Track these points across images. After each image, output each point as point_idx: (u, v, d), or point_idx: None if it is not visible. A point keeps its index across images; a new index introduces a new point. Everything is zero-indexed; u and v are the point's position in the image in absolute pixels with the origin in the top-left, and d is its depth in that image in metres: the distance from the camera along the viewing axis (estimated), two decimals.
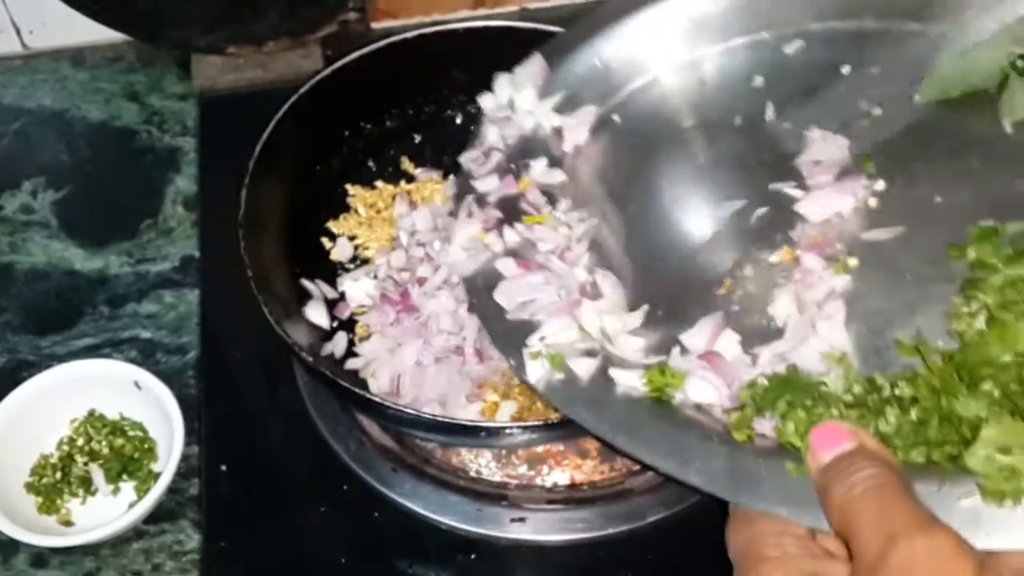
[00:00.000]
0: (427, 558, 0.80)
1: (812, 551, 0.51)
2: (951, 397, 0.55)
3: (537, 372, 0.63)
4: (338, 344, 0.82)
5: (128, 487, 0.83)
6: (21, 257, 0.97)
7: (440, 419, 0.72)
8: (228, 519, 0.81)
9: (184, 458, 0.81)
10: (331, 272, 0.86)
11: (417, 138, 0.94)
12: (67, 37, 1.11)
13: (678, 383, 0.61)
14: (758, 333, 0.64)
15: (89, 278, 0.96)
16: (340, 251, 0.87)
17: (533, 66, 0.79)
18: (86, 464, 0.84)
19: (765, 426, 0.57)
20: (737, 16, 0.80)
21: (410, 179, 0.92)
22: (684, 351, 0.64)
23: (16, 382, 0.83)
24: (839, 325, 0.62)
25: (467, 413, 0.76)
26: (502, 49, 0.86)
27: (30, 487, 0.82)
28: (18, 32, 1.09)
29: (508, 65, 0.80)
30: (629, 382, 0.62)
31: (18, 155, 1.04)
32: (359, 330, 0.82)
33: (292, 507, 0.82)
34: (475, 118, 0.80)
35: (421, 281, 0.81)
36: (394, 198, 0.89)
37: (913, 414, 0.55)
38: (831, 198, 0.70)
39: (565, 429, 0.74)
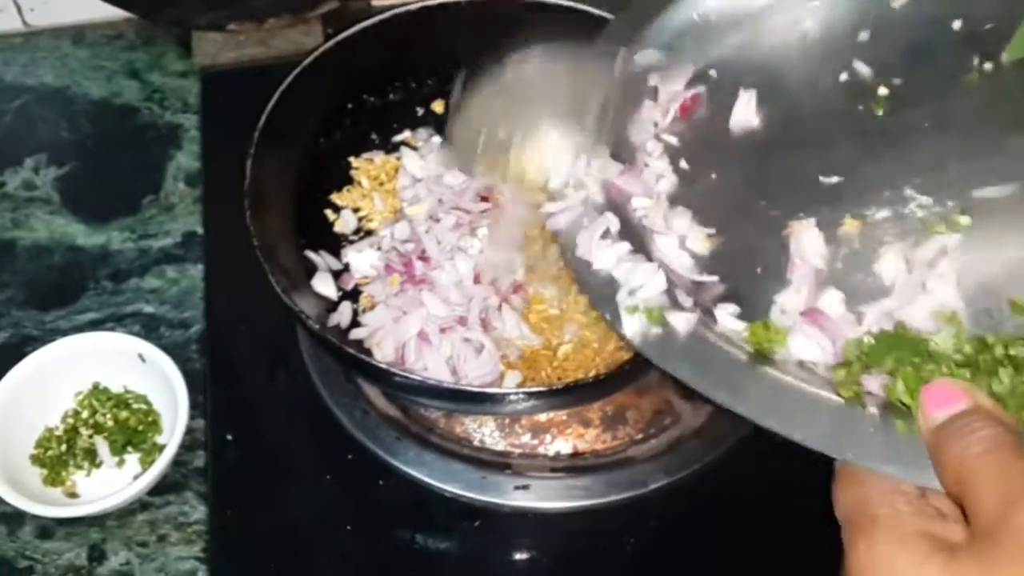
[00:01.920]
0: (431, 526, 0.80)
1: (924, 510, 0.49)
2: None
3: (634, 326, 0.61)
4: (343, 314, 0.82)
5: (133, 459, 0.84)
6: (24, 233, 0.97)
7: (445, 385, 0.73)
8: (233, 489, 0.82)
9: (188, 431, 0.82)
10: (335, 244, 0.87)
11: (420, 111, 0.94)
12: (68, 15, 1.11)
13: (781, 339, 0.59)
14: (864, 291, 0.62)
15: (92, 254, 0.96)
16: (344, 223, 0.88)
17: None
18: (91, 437, 0.84)
19: (873, 383, 0.56)
20: None
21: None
22: (783, 310, 0.62)
23: (21, 356, 0.83)
24: (951, 283, 0.60)
25: (474, 382, 0.77)
26: (505, 22, 0.87)
27: (35, 459, 0.83)
28: (19, 10, 1.09)
29: (511, 38, 0.80)
30: (733, 327, 0.60)
31: (20, 132, 1.04)
32: (363, 300, 0.83)
33: (297, 476, 0.83)
34: None
35: (425, 259, 0.81)
36: (396, 171, 0.89)
37: None
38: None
39: (569, 396, 0.75)
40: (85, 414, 0.85)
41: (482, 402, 0.74)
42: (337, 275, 0.85)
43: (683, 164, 0.72)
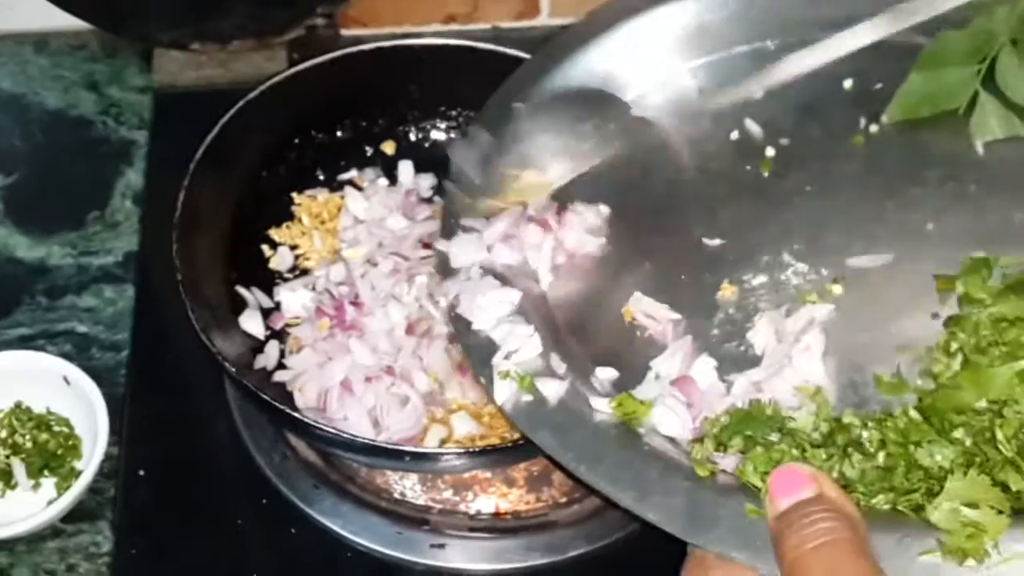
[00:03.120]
0: None
1: None
2: (919, 444, 0.53)
3: (505, 393, 0.61)
4: (270, 355, 0.81)
5: (49, 483, 0.82)
6: None
7: (359, 440, 0.71)
8: (142, 525, 0.80)
9: (108, 458, 0.80)
10: (269, 281, 0.85)
11: (368, 151, 0.93)
12: (32, 21, 1.09)
13: (644, 411, 0.59)
14: (737, 359, 0.62)
15: (30, 267, 0.94)
16: (280, 260, 0.86)
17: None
18: (8, 457, 0.82)
19: (727, 462, 0.55)
20: (738, 24, 0.78)
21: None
22: (657, 376, 0.62)
23: None
24: (816, 357, 0.60)
25: (394, 436, 0.76)
26: (460, 68, 0.86)
27: None
28: None
29: (465, 83, 0.79)
30: (598, 407, 0.60)
31: None
32: (291, 342, 0.81)
33: (208, 517, 0.81)
34: (428, 133, 0.79)
35: (357, 304, 0.80)
36: (339, 210, 0.88)
37: (880, 458, 0.53)
38: None
39: (491, 457, 0.74)
40: (4, 433, 0.83)
41: (401, 459, 0.72)
42: (267, 313, 0.83)
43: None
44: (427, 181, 0.90)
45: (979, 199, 0.69)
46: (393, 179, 0.91)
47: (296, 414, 0.71)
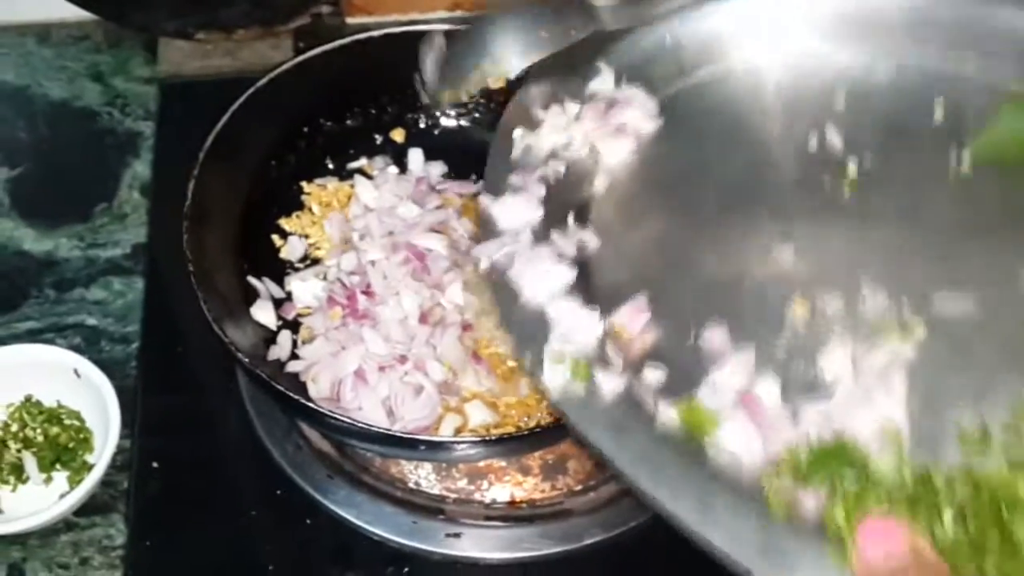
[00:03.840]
0: (358, 569, 0.78)
1: None
2: (1012, 513, 0.50)
3: (556, 378, 0.56)
4: (283, 346, 0.80)
5: (61, 477, 0.81)
6: None
7: (375, 429, 0.71)
8: (156, 517, 0.80)
9: (120, 451, 0.79)
10: (280, 271, 0.85)
11: (378, 139, 0.92)
12: (35, 12, 1.08)
13: (712, 424, 0.55)
14: (802, 383, 0.57)
15: (38, 260, 0.94)
16: (291, 249, 0.86)
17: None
18: (19, 451, 0.82)
19: (808, 500, 0.52)
20: (831, 25, 0.73)
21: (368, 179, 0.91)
22: (715, 389, 0.57)
23: None
24: (900, 399, 0.56)
25: (409, 425, 0.75)
26: None
27: None
28: None
29: None
30: (663, 410, 0.55)
31: None
32: (303, 332, 0.81)
33: (223, 509, 0.80)
34: (437, 121, 0.78)
35: (369, 294, 0.79)
36: (349, 198, 0.87)
37: (971, 526, 0.50)
38: None
39: (506, 445, 0.74)
40: (15, 427, 0.83)
41: (415, 448, 0.72)
42: (279, 303, 0.83)
43: (628, 208, 0.67)
44: (437, 169, 0.90)
45: None
46: (403, 167, 0.90)
47: (311, 404, 0.70)
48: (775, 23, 0.74)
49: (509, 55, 0.71)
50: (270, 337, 0.81)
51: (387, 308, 0.79)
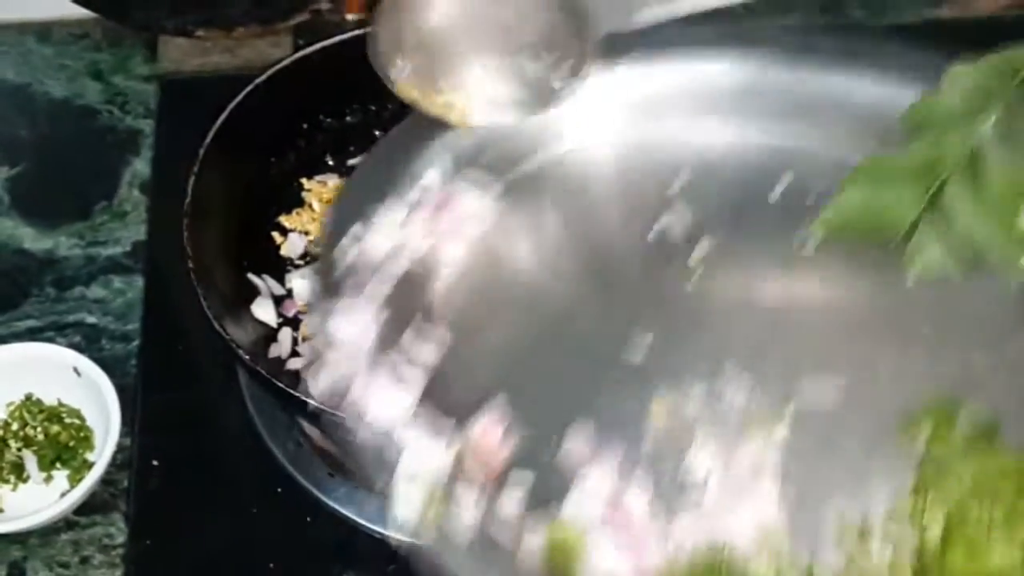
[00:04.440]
0: (359, 567, 0.78)
1: None
2: None
3: (410, 510, 0.52)
4: (284, 343, 0.80)
5: (61, 476, 0.81)
6: None
7: None
8: (156, 516, 0.79)
9: (120, 449, 0.79)
10: (280, 268, 0.85)
11: (378, 135, 0.91)
12: (35, 10, 1.08)
13: (580, 548, 0.52)
14: (672, 487, 0.55)
15: (38, 258, 0.94)
16: (291, 246, 0.86)
17: None
18: (20, 450, 0.81)
19: None
20: (671, 100, 0.70)
21: None
22: (583, 496, 0.53)
23: None
24: (773, 496, 0.54)
25: None
26: None
27: None
28: None
29: None
30: (529, 540, 0.52)
31: None
32: (303, 330, 0.81)
33: (223, 507, 0.80)
34: None
35: None
36: None
37: None
38: None
39: None
40: (15, 426, 0.82)
41: None
42: (279, 301, 0.82)
43: (474, 307, 0.63)
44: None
45: (931, 338, 0.61)
46: None
47: (312, 401, 0.70)
48: (609, 102, 0.71)
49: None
50: (271, 334, 0.81)
51: None
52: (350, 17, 1.08)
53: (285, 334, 0.81)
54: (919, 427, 0.56)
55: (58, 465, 0.81)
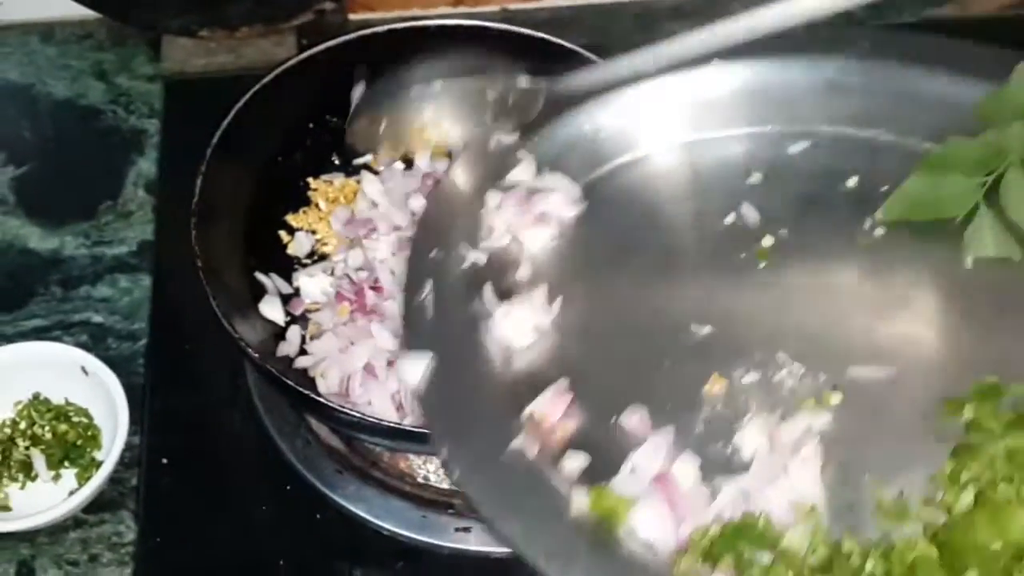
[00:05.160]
0: (368, 564, 0.78)
1: None
2: None
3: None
4: (292, 341, 0.80)
5: (69, 474, 0.81)
6: None
7: (389, 424, 0.71)
8: (165, 513, 0.80)
9: (128, 448, 0.80)
10: (287, 267, 0.85)
11: None
12: (39, 11, 1.08)
13: (624, 509, 0.55)
14: (721, 462, 0.58)
15: (44, 258, 0.94)
16: (298, 245, 0.86)
17: None
18: (27, 449, 0.82)
19: None
20: (744, 103, 0.74)
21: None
22: (634, 471, 0.57)
23: None
24: (814, 471, 0.57)
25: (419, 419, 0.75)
26: (473, 48, 0.85)
27: None
28: None
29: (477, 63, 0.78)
30: (577, 498, 0.56)
31: None
32: (311, 328, 0.81)
33: (232, 504, 0.81)
34: None
35: (377, 289, 0.79)
36: (356, 194, 0.87)
37: None
38: None
39: None
40: (23, 425, 0.83)
41: (423, 442, 0.72)
42: (286, 299, 0.83)
43: (547, 285, 0.68)
44: (444, 164, 0.90)
45: (988, 320, 0.64)
46: (409, 163, 0.90)
47: (320, 399, 0.71)
48: (687, 105, 0.75)
49: (443, 119, 0.74)
50: (279, 333, 0.81)
51: (395, 303, 0.78)
52: (353, 17, 1.08)
53: (293, 332, 0.81)
54: (962, 411, 0.58)
55: (66, 464, 0.82)
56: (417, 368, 0.62)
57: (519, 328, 0.65)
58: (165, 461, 0.82)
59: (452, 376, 0.62)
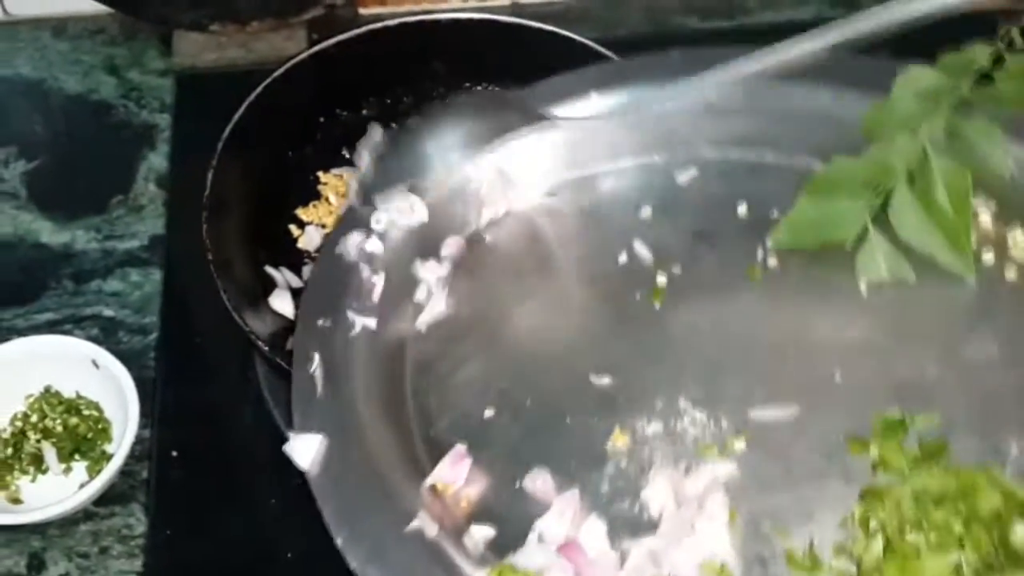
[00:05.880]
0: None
1: None
2: None
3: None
4: None
5: (80, 467, 0.82)
6: None
7: None
8: (175, 507, 0.80)
9: (139, 441, 0.80)
10: (298, 260, 0.85)
11: (394, 127, 0.92)
12: (50, 6, 1.08)
13: None
14: (629, 522, 0.55)
15: (55, 252, 0.94)
16: (308, 239, 0.86)
17: None
18: (39, 441, 0.82)
19: None
20: (627, 133, 0.71)
21: None
22: (541, 539, 0.55)
23: None
24: (721, 526, 0.54)
25: None
26: (484, 42, 0.85)
27: None
28: None
29: (490, 58, 0.78)
30: None
31: None
32: None
33: (242, 498, 0.81)
34: None
35: None
36: None
37: None
38: None
39: None
40: (35, 418, 0.83)
41: None
42: (297, 293, 0.83)
43: (443, 351, 0.65)
44: None
45: (887, 348, 0.62)
46: None
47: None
48: (569, 141, 0.72)
49: (448, 153, 0.70)
50: (289, 326, 0.81)
51: None
52: (363, 11, 1.08)
53: None
54: (867, 449, 0.56)
55: (77, 457, 0.82)
56: (308, 451, 0.60)
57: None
58: (175, 454, 0.82)
59: (345, 455, 0.59)
